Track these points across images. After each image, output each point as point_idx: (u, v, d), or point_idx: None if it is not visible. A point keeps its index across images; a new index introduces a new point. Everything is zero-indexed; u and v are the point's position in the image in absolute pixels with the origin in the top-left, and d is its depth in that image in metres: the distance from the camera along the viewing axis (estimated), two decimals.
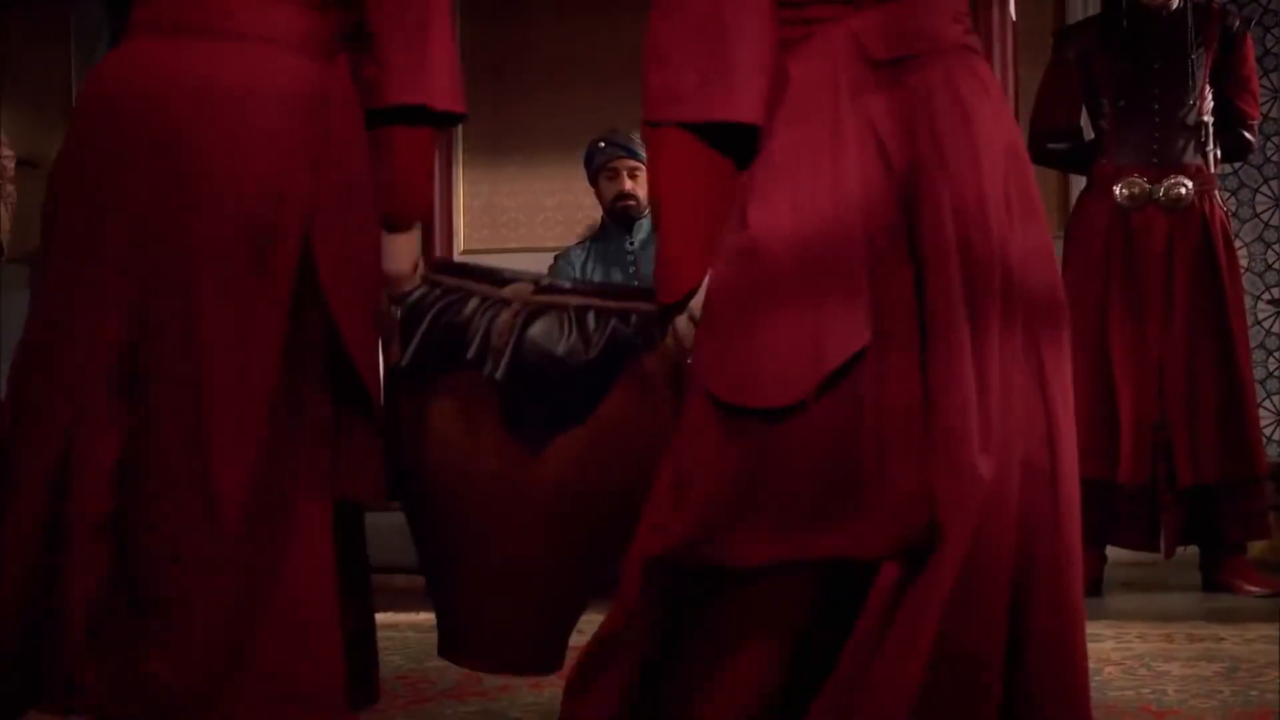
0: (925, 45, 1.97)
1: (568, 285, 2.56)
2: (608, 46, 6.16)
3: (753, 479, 1.88)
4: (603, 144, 4.99)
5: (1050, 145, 4.65)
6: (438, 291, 2.46)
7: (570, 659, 2.18)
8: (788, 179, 1.93)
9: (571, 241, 5.96)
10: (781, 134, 1.95)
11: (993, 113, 1.98)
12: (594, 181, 5.07)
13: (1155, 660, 3.21)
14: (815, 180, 1.91)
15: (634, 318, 2.44)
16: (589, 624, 2.21)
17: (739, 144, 1.97)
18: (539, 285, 2.45)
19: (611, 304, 2.44)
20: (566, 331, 2.40)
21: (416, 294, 2.46)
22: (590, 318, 2.41)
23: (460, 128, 6.29)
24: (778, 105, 1.95)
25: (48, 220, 2.26)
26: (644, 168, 4.88)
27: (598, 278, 4.93)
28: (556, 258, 5.06)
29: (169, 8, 2.23)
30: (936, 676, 1.80)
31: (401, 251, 2.40)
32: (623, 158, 4.94)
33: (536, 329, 2.40)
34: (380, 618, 3.91)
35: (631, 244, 4.97)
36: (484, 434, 2.41)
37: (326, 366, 2.23)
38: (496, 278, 2.48)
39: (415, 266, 2.43)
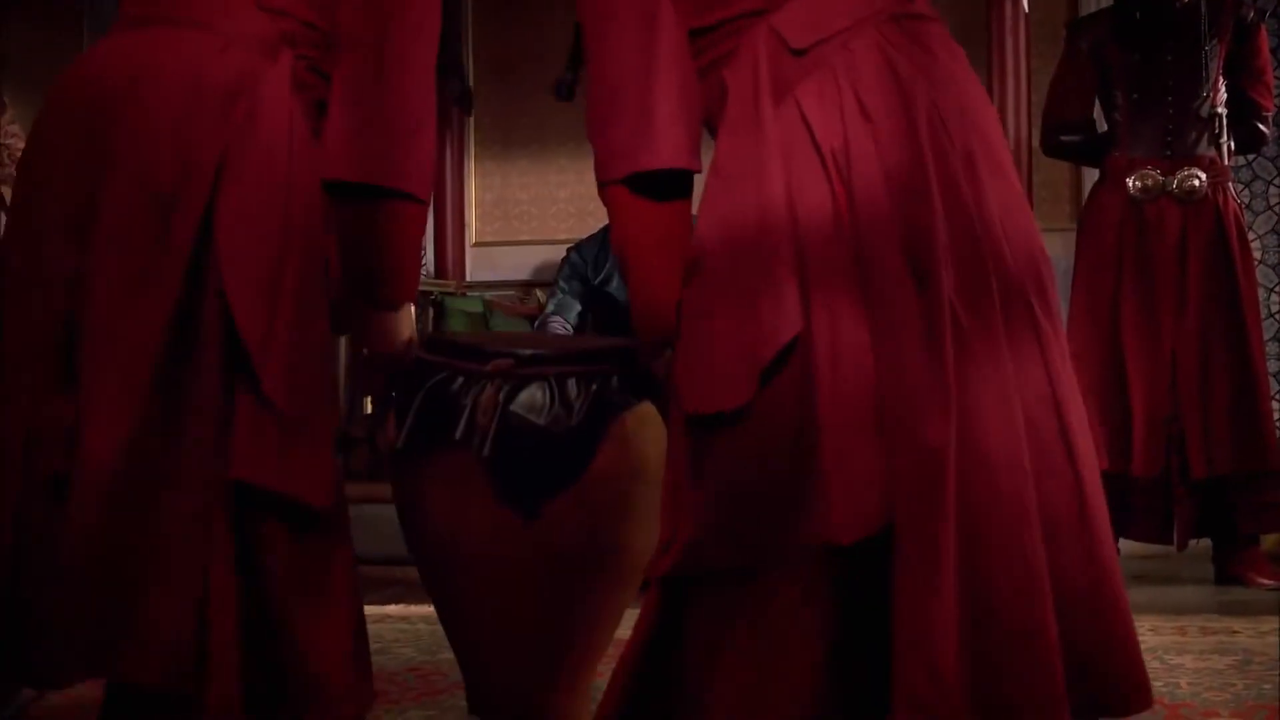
0: (844, 23, 2.00)
1: (552, 354, 2.60)
2: None
3: (726, 480, 1.93)
4: None
5: (1063, 137, 4.64)
6: (423, 374, 2.52)
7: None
8: (724, 189, 2.00)
9: (584, 234, 5.98)
10: (722, 145, 2.03)
11: (939, 74, 2.01)
12: None
13: (1168, 653, 3.21)
14: (744, 184, 1.97)
15: (615, 379, 2.50)
16: None
17: (686, 184, 2.11)
18: (519, 357, 2.51)
19: (592, 368, 2.51)
20: (549, 401, 2.46)
21: (408, 375, 2.53)
22: (571, 385, 2.48)
23: (472, 119, 6.31)
24: (720, 119, 2.03)
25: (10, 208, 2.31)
26: None
27: (608, 268, 4.94)
28: (569, 251, 5.07)
29: (140, 1, 2.28)
30: (984, 647, 1.83)
31: (403, 324, 2.42)
32: None
33: (520, 402, 2.46)
34: (392, 609, 3.96)
35: None
36: (473, 511, 2.46)
37: (225, 341, 2.12)
38: (480, 353, 2.54)
39: (412, 338, 2.44)
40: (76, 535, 2.04)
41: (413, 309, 2.45)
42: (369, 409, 3.92)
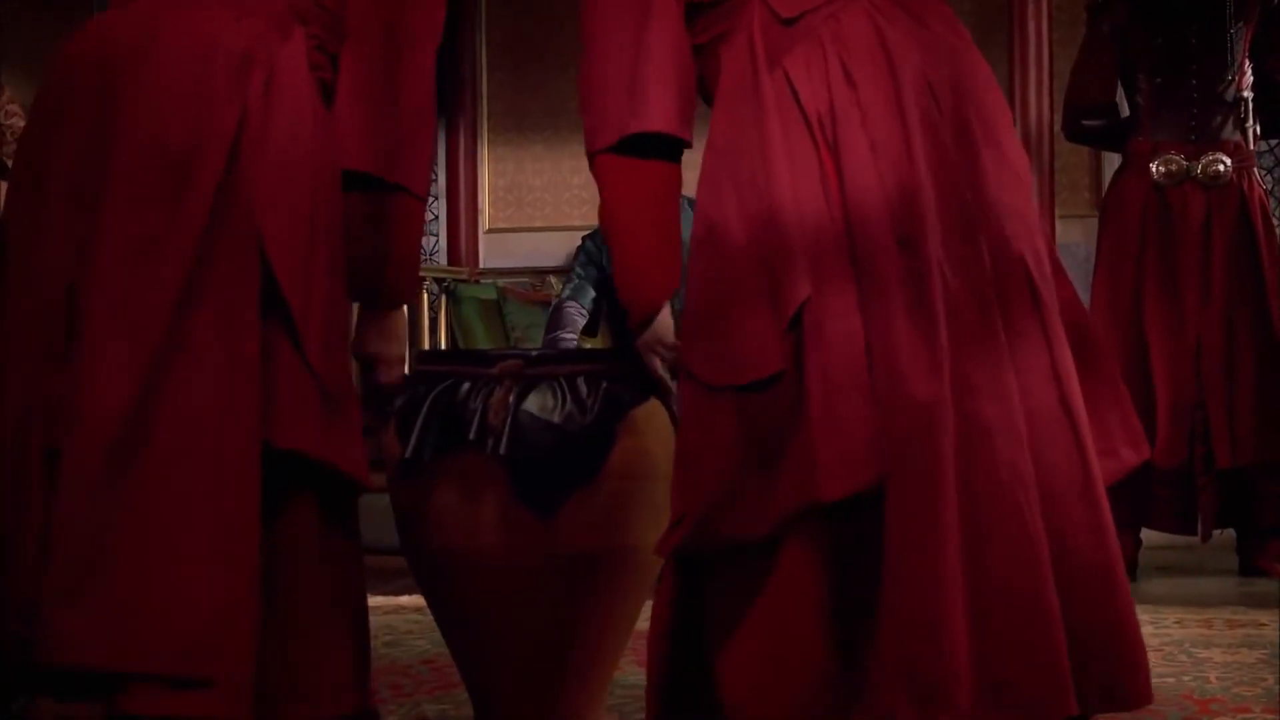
0: None
1: (559, 355, 2.60)
2: None
3: (739, 450, 1.94)
4: None
5: (1085, 122, 4.57)
6: (427, 383, 2.51)
7: None
8: (729, 162, 2.00)
9: (597, 221, 5.92)
10: (720, 118, 2.04)
11: (933, 45, 2.01)
12: None
13: (1195, 646, 3.15)
14: (747, 154, 1.99)
15: (620, 377, 2.48)
16: None
17: (675, 152, 2.14)
18: (528, 359, 2.48)
19: (600, 366, 2.50)
20: (560, 400, 2.45)
21: (408, 390, 2.50)
22: (582, 383, 2.46)
23: (485, 105, 6.26)
24: (715, 94, 2.06)
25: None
26: None
27: None
28: (584, 239, 5.01)
29: None
30: (987, 608, 1.83)
31: (398, 328, 2.32)
32: None
33: (531, 402, 2.44)
34: (404, 600, 3.91)
35: None
36: (488, 511, 2.44)
37: (258, 302, 2.05)
38: (484, 359, 2.52)
39: (404, 349, 2.39)
40: (69, 510, 1.93)
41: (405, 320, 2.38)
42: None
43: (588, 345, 5.26)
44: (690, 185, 2.08)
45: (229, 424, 1.99)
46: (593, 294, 4.84)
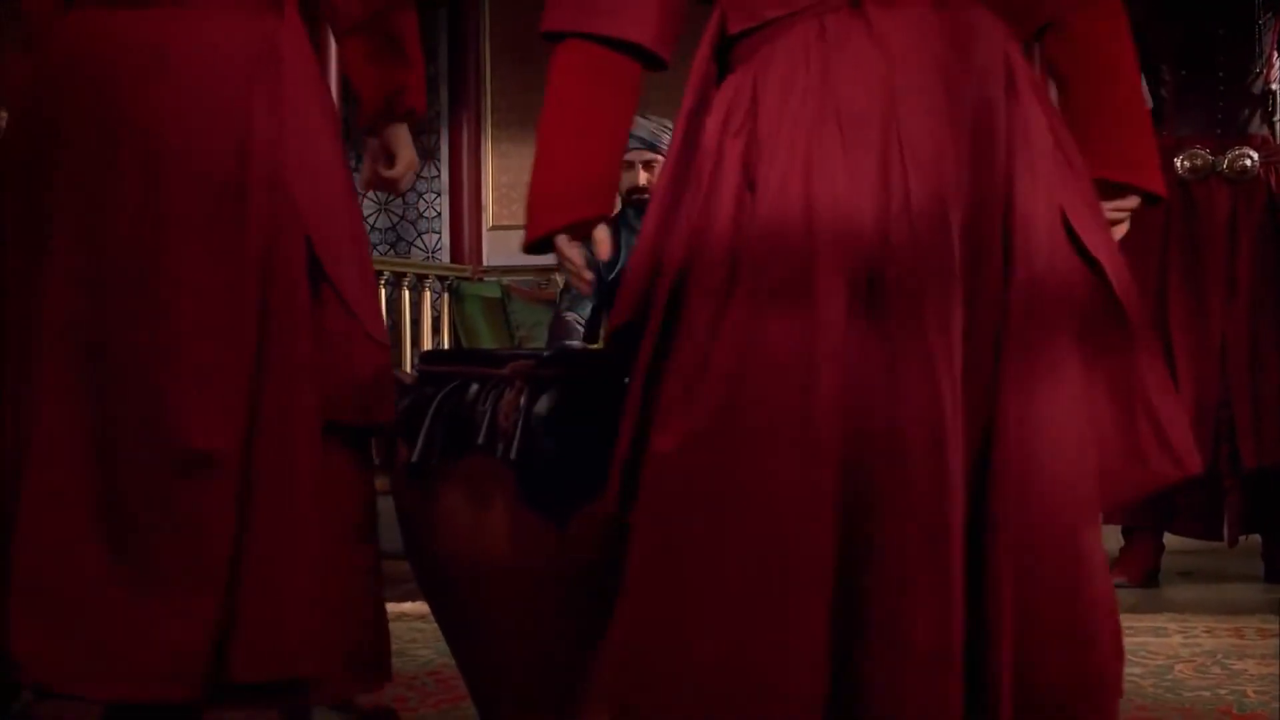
0: None
1: (572, 353, 2.49)
2: None
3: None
4: None
5: None
6: (433, 384, 2.42)
7: None
8: (786, 146, 1.80)
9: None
10: (771, 101, 1.83)
11: (977, 52, 1.84)
12: None
13: (1228, 657, 3.05)
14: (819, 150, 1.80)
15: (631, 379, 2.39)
16: None
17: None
18: (540, 359, 2.39)
19: (615, 367, 2.38)
20: (573, 403, 2.34)
21: (413, 393, 2.42)
22: (595, 385, 2.35)
23: (489, 100, 6.15)
24: (764, 66, 1.85)
25: None
26: (661, 159, 4.70)
27: (621, 262, 4.76)
28: (579, 244, 4.90)
29: None
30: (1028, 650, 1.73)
31: (410, 140, 2.49)
32: (638, 150, 4.71)
33: (543, 405, 2.34)
34: (408, 607, 3.80)
35: None
36: (495, 520, 2.35)
37: (307, 314, 2.24)
38: (494, 359, 2.42)
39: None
40: (213, 525, 2.17)
41: None
42: None
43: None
44: None
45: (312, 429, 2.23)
46: (591, 302, 4.71)
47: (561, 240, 2.01)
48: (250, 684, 2.13)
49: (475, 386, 2.42)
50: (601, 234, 2.03)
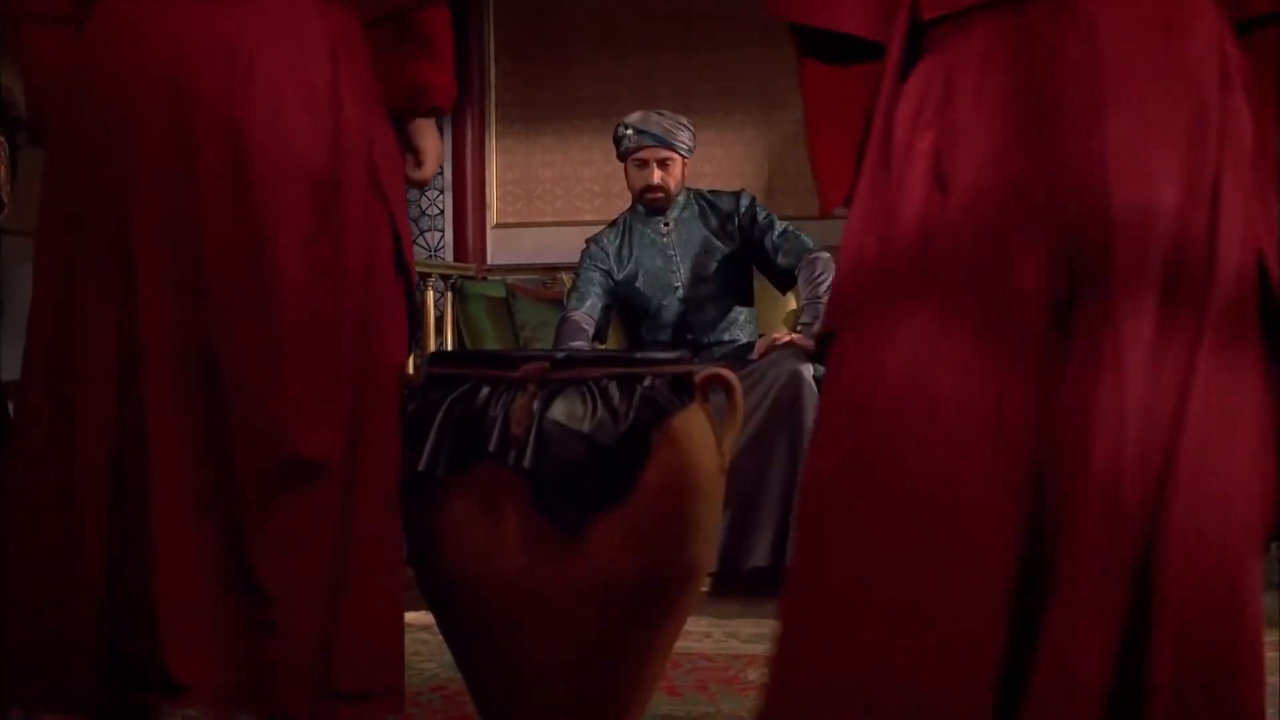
0: None
1: (587, 354, 2.38)
2: (654, 8, 5.87)
3: None
4: (631, 131, 4.57)
5: None
6: (441, 388, 2.32)
7: None
8: (982, 141, 1.74)
9: (611, 215, 5.69)
10: (966, 93, 1.76)
11: (1193, 42, 1.72)
12: (622, 162, 4.71)
13: None
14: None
15: (657, 381, 2.26)
16: None
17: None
18: (554, 360, 2.27)
19: (634, 369, 2.26)
20: (590, 407, 2.25)
21: (419, 396, 2.33)
22: (614, 388, 2.26)
23: (494, 95, 6.01)
24: (958, 55, 1.79)
25: (51, 200, 2.20)
26: (677, 157, 4.55)
27: (632, 264, 4.61)
28: (588, 241, 4.74)
29: None
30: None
31: (436, 135, 2.47)
32: (652, 146, 4.57)
33: (558, 409, 2.25)
34: (410, 617, 3.65)
35: (666, 224, 4.64)
36: (507, 530, 2.25)
37: (401, 315, 2.31)
38: (506, 360, 2.30)
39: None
40: (318, 542, 2.18)
41: None
42: None
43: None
44: (701, 180, 1.86)
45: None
46: (601, 304, 4.58)
47: None
48: (351, 693, 2.12)
49: (486, 390, 2.30)
50: None
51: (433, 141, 2.43)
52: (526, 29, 6.06)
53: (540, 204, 6.09)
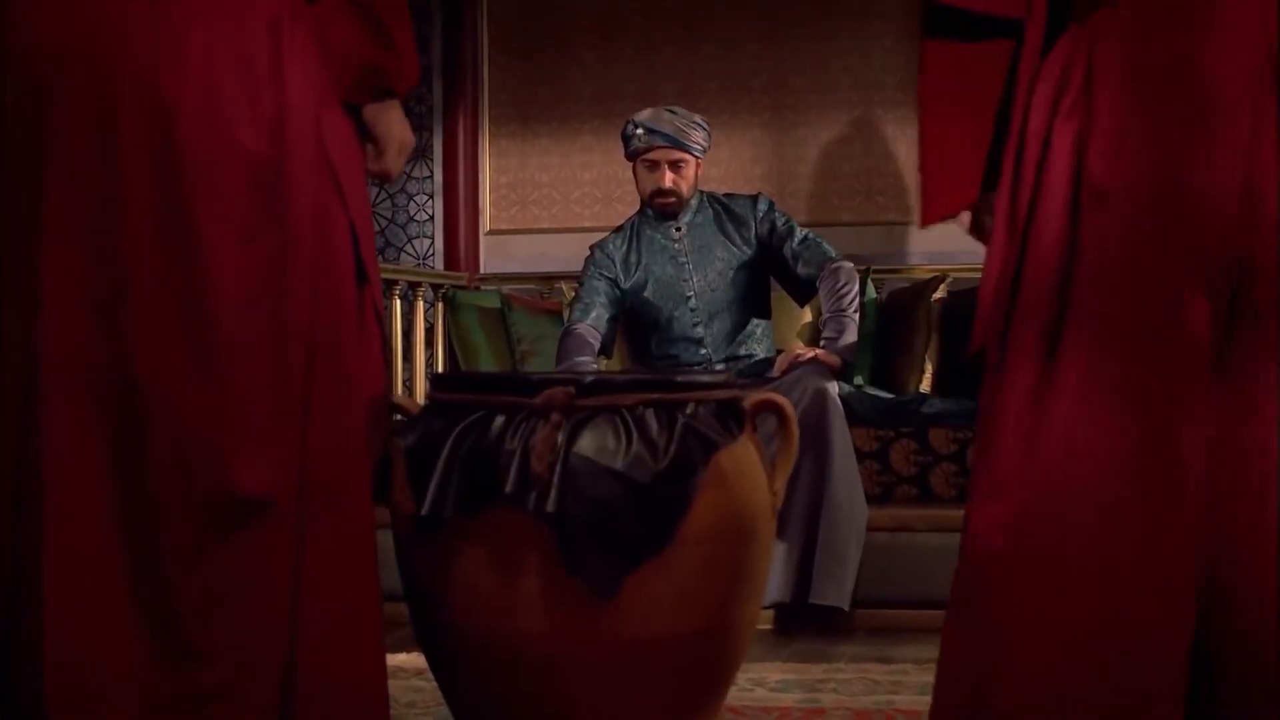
0: None
1: (619, 376, 2.06)
2: (658, 1, 5.56)
3: None
4: (640, 130, 4.24)
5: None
6: (446, 416, 2.01)
7: None
8: (1136, 138, 1.58)
9: (612, 222, 5.39)
10: (1113, 79, 1.60)
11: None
12: (631, 162, 4.37)
13: None
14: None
15: (701, 408, 1.94)
16: None
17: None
18: (581, 384, 1.93)
19: (675, 395, 1.93)
20: (625, 439, 1.93)
21: (420, 426, 2.02)
22: (652, 416, 1.95)
23: (486, 93, 5.70)
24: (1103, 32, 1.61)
25: None
26: (690, 158, 4.21)
27: (641, 271, 4.28)
28: (593, 248, 4.40)
29: None
30: None
31: (400, 120, 2.12)
32: (663, 147, 4.23)
33: (586, 442, 1.93)
34: (402, 659, 3.34)
35: (677, 230, 4.30)
36: (527, 584, 1.94)
37: (355, 325, 2.01)
38: (523, 383, 1.98)
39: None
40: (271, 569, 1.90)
41: None
42: None
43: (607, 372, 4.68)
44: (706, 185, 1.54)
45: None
46: (609, 315, 4.24)
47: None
48: None
49: (500, 420, 1.98)
50: None
51: (394, 127, 2.12)
52: (522, 23, 5.73)
53: (536, 209, 5.76)
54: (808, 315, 5.06)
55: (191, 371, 1.83)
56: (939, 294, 4.87)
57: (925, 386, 4.83)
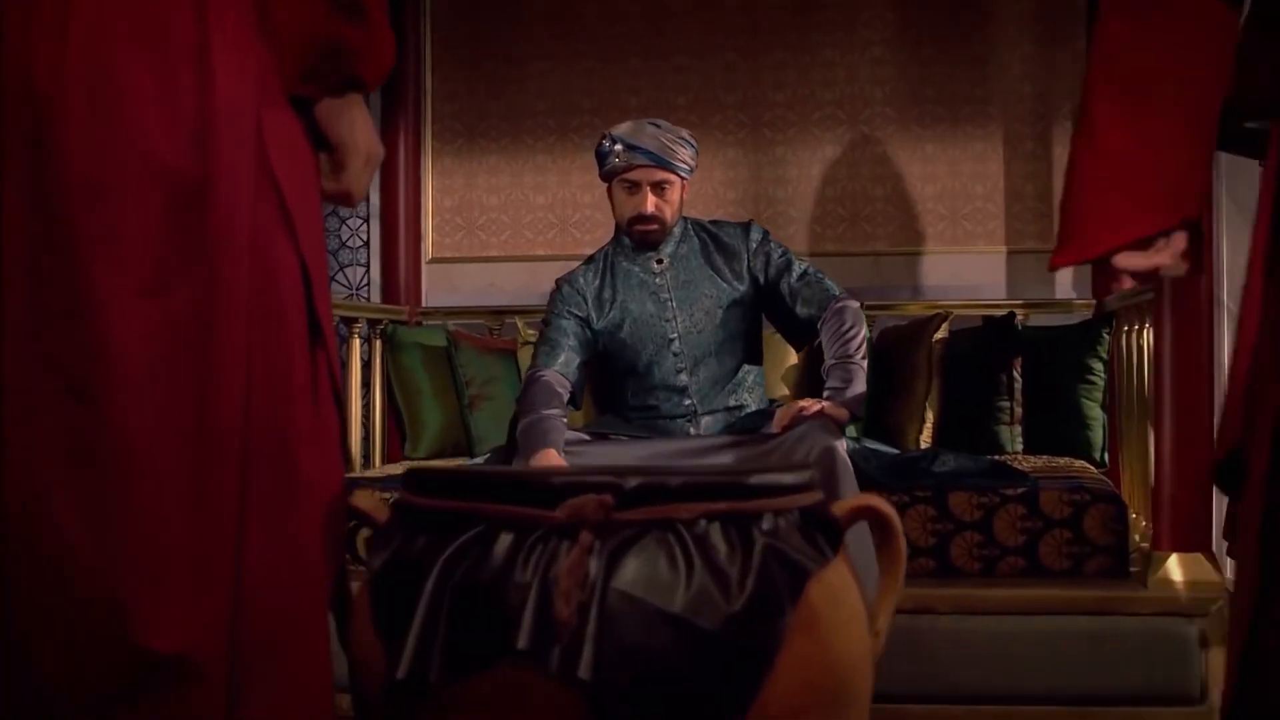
0: None
1: (674, 480, 1.51)
2: (621, 6, 5.03)
3: None
4: (619, 146, 3.63)
5: (1248, 124, 3.51)
6: (428, 531, 1.47)
7: None
8: None
9: (567, 251, 4.94)
10: None
11: None
12: (606, 184, 3.77)
13: None
14: None
15: (781, 520, 1.42)
16: None
17: None
18: (621, 487, 1.40)
19: (751, 503, 1.43)
20: (685, 568, 1.39)
21: (391, 542, 1.50)
22: (718, 534, 1.41)
23: (429, 106, 5.14)
24: None
25: None
26: (675, 179, 3.64)
27: (616, 310, 3.71)
28: (559, 283, 3.80)
29: None
30: None
31: (366, 123, 1.68)
32: (645, 166, 3.64)
33: (631, 573, 1.38)
34: None
35: (659, 262, 3.73)
36: None
37: (308, 399, 1.51)
38: (539, 486, 1.45)
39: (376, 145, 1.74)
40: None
41: None
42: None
43: (574, 429, 4.11)
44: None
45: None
46: (577, 356, 3.66)
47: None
48: None
49: (508, 539, 1.42)
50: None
51: (358, 132, 1.64)
52: (469, 27, 5.16)
53: (484, 235, 5.19)
54: (793, 357, 4.52)
55: (75, 490, 1.33)
56: (940, 333, 4.36)
57: (926, 437, 4.32)
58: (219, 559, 1.36)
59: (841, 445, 3.30)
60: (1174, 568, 3.30)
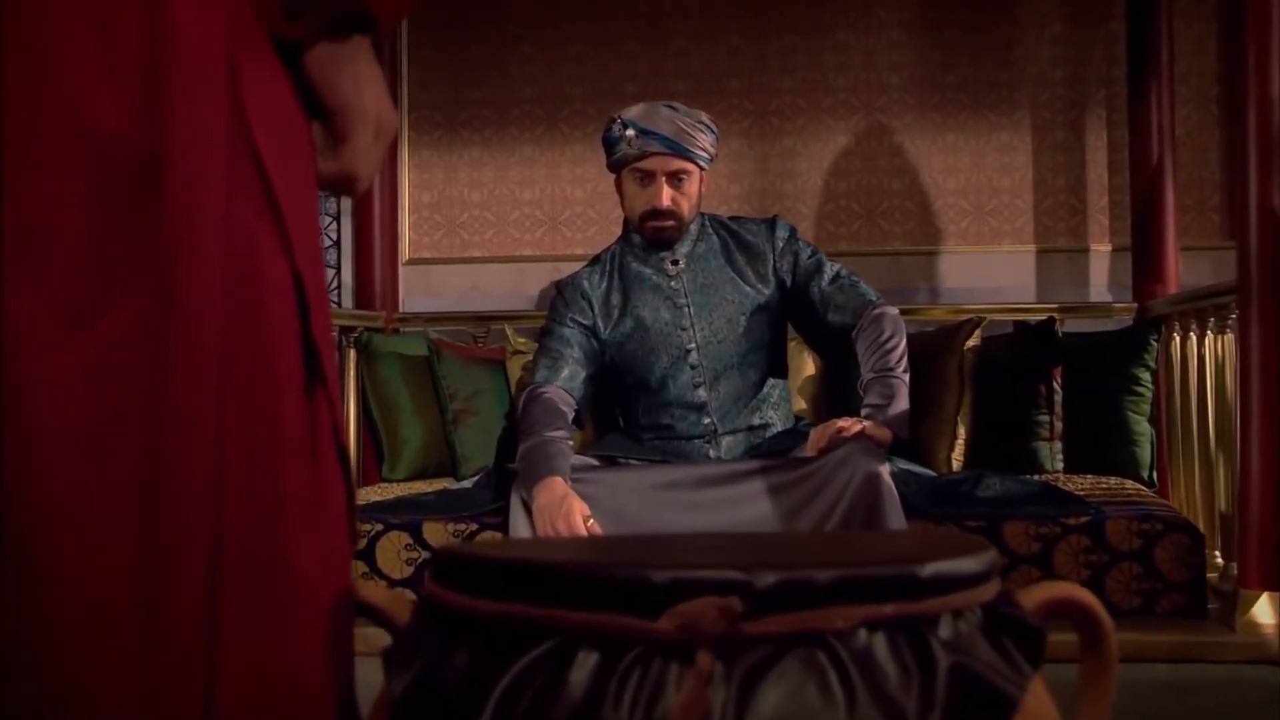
0: None
1: (823, 575, 1.12)
2: None
3: None
4: (631, 131, 3.24)
5: None
6: (471, 645, 1.10)
7: None
8: None
9: (558, 250, 4.61)
10: None
11: None
12: (614, 173, 3.38)
13: None
14: None
15: (962, 622, 1.10)
16: None
17: None
18: (753, 585, 1.04)
19: (922, 603, 1.07)
20: (843, 703, 1.01)
21: (420, 655, 1.13)
22: (882, 649, 1.04)
23: (406, 96, 4.75)
24: None
25: None
26: (694, 169, 3.23)
27: (628, 318, 3.30)
28: (561, 287, 3.39)
29: None
30: None
31: (377, 81, 1.26)
32: (661, 154, 3.24)
33: (769, 711, 0.99)
34: None
35: (674, 263, 3.33)
36: None
37: (307, 459, 1.14)
38: (632, 581, 1.05)
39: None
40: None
41: None
42: None
43: (584, 454, 3.69)
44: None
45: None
46: (582, 370, 3.25)
47: None
48: None
49: (591, 660, 1.01)
50: None
51: (367, 91, 1.24)
52: (451, 10, 4.77)
53: (466, 234, 4.79)
54: (810, 368, 4.14)
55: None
56: (972, 341, 3.97)
57: (958, 455, 3.93)
58: (178, 699, 0.96)
59: (886, 471, 2.92)
60: (1264, 609, 2.94)
